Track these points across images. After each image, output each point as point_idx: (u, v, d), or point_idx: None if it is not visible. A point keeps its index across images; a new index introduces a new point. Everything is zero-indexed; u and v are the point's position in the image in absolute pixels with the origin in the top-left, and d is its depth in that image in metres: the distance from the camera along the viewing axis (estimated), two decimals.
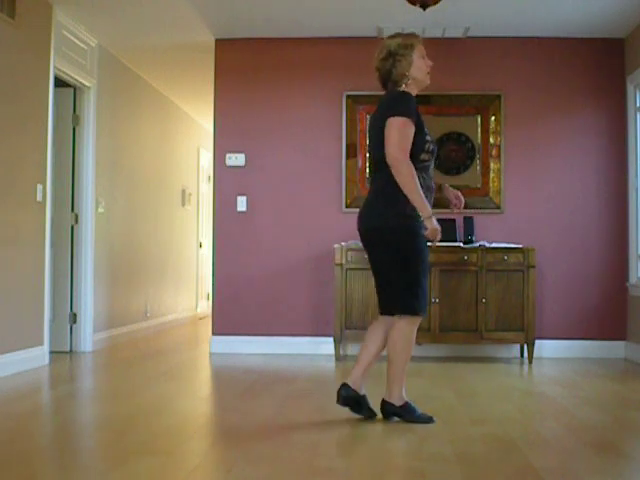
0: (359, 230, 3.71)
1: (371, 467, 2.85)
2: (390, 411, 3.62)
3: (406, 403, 3.61)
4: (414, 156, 3.51)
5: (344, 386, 3.63)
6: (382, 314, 3.70)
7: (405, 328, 3.57)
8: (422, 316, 3.61)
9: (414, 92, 3.65)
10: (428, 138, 3.58)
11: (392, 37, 3.71)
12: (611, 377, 5.17)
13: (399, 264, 3.55)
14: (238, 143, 6.41)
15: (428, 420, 3.57)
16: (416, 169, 3.49)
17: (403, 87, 3.63)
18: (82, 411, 4.15)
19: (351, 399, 3.62)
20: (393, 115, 3.50)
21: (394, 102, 3.57)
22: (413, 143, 3.50)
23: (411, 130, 3.49)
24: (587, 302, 6.19)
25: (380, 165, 3.57)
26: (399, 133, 3.47)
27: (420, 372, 5.28)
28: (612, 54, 6.27)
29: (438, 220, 3.52)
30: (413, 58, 3.62)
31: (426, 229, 3.48)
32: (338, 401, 3.63)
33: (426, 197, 3.52)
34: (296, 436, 3.33)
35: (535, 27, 6.09)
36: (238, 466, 2.85)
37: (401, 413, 3.60)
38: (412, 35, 3.72)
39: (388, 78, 3.67)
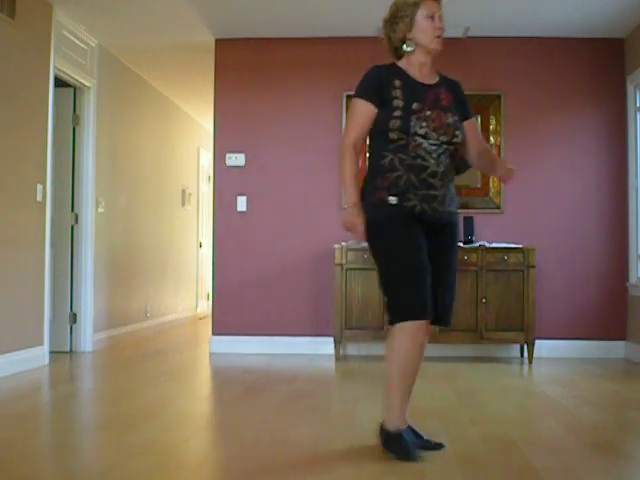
0: None
1: (371, 467, 2.85)
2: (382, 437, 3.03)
3: (398, 433, 2.96)
4: (381, 135, 3.06)
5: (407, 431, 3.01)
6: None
7: (392, 339, 3.04)
8: (401, 321, 2.98)
9: (421, 59, 3.08)
10: (397, 114, 2.99)
11: None
12: (611, 377, 5.17)
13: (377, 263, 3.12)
14: (238, 143, 6.41)
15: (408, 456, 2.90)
16: (388, 150, 3.04)
17: (406, 56, 3.10)
18: (82, 411, 4.15)
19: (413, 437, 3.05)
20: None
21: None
22: (377, 121, 3.05)
23: (360, 110, 3.06)
24: (587, 302, 6.19)
25: None
26: (349, 116, 3.15)
27: (420, 372, 5.27)
28: (612, 54, 6.27)
29: None
30: (416, 19, 3.01)
31: None
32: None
33: (412, 178, 2.98)
34: (296, 436, 3.33)
35: (535, 27, 6.09)
36: (238, 466, 2.85)
37: (385, 441, 3.01)
38: None
39: (390, 46, 3.14)
